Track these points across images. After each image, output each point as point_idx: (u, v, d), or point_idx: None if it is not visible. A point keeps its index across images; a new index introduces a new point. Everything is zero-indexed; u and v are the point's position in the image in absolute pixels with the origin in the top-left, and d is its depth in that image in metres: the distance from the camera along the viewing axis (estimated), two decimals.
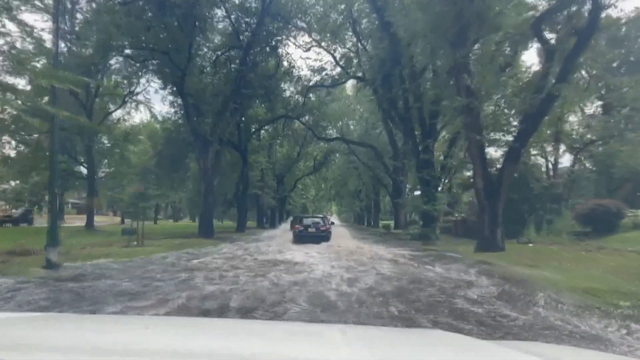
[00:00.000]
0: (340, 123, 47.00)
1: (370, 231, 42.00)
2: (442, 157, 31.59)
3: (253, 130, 40.20)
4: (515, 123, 18.99)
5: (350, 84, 57.16)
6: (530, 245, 21.76)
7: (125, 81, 37.10)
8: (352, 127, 52.30)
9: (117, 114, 46.61)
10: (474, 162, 18.72)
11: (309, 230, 25.03)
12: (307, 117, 41.94)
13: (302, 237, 24.43)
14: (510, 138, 19.92)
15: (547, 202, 26.88)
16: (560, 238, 23.28)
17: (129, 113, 46.01)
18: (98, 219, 74.30)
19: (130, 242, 20.70)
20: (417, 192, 44.08)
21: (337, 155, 63.48)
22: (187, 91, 27.41)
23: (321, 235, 24.59)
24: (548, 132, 27.31)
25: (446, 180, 33.52)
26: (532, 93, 16.83)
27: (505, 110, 18.41)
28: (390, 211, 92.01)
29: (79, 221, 46.37)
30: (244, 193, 38.85)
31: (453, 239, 28.35)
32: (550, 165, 31.33)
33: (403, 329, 4.25)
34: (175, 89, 29.13)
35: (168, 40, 25.07)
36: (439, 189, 29.98)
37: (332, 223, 30.31)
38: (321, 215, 30.38)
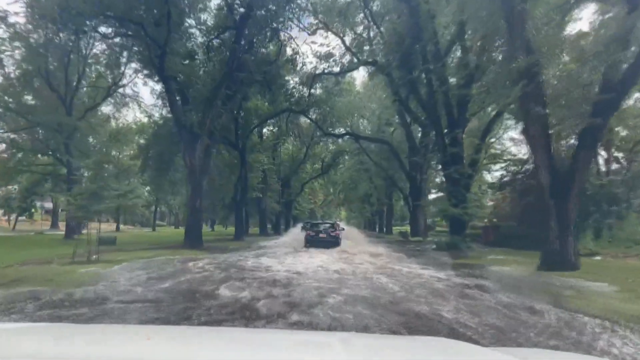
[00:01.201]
0: (350, 120, 41.96)
1: (385, 239, 37.06)
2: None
3: (253, 126, 35.36)
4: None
5: (360, 80, 52.60)
6: (598, 258, 16.73)
7: (108, 71, 32.58)
8: (362, 126, 47.40)
9: (106, 111, 42.39)
10: (534, 148, 13.74)
11: (320, 235, 25.36)
12: (313, 112, 37.10)
13: (313, 242, 24.84)
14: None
15: (604, 203, 21.81)
16: (630, 248, 18.25)
17: (118, 110, 41.65)
18: (94, 226, 70.31)
19: (89, 256, 16.06)
20: (433, 195, 39.04)
21: (347, 157, 58.77)
22: (169, 73, 22.74)
23: (331, 241, 24.68)
24: None
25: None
26: (619, 49, 11.85)
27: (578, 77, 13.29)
28: (403, 216, 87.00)
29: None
30: (243, 196, 34.07)
31: (486, 248, 23.30)
32: (601, 161, 26.22)
33: (405, 337, 3.93)
34: (157, 73, 24.39)
35: (142, 9, 20.45)
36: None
37: (342, 229, 29.78)
38: (331, 222, 30.32)
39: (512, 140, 37.56)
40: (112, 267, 13.75)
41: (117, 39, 25.28)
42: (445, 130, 24.11)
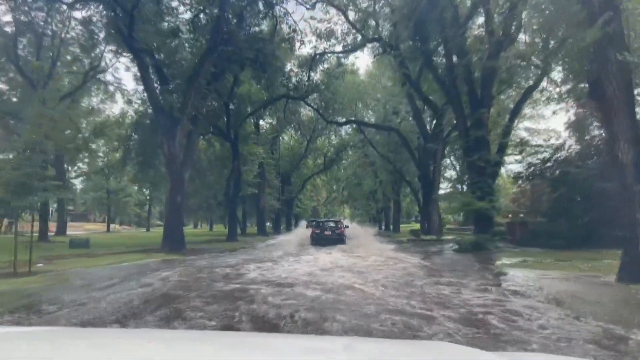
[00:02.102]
0: (354, 109, 38.09)
1: (394, 238, 33.35)
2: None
3: (247, 114, 31.67)
4: None
5: (364, 69, 48.81)
6: None
7: (85, 54, 28.98)
8: (367, 117, 43.60)
9: (91, 103, 38.82)
10: (609, 114, 9.93)
11: (325, 233, 25.45)
12: (314, 99, 33.40)
13: (319, 240, 24.77)
14: None
15: None
16: None
17: (103, 101, 38.09)
18: (90, 227, 66.84)
19: (35, 265, 12.56)
20: (441, 191, 35.19)
21: (350, 152, 55.11)
22: (142, 46, 19.09)
23: (336, 238, 24.81)
24: None
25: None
26: None
27: None
28: (409, 213, 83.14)
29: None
30: (236, 192, 30.42)
31: (517, 249, 19.55)
32: None
33: (410, 341, 3.76)
34: (125, 44, 20.69)
35: None
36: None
37: (347, 227, 29.24)
38: (337, 219, 30.05)
39: (527, 130, 33.82)
40: (44, 281, 10.13)
41: (89, 12, 21.69)
42: (466, 112, 20.38)
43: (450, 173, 46.94)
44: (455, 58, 20.30)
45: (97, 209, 57.31)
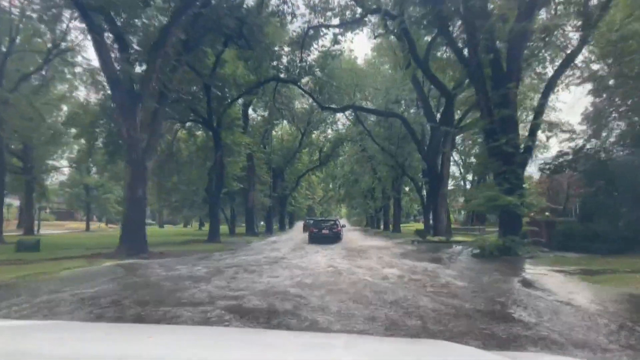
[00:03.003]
0: (352, 96, 34.13)
1: (396, 240, 29.65)
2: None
3: (232, 98, 27.80)
4: None
5: (362, 58, 45.10)
6: None
7: (46, 27, 25.10)
8: (366, 103, 39.80)
9: (62, 89, 34.99)
10: None
11: (323, 232, 25.80)
12: (307, 82, 29.61)
13: (316, 238, 25.07)
14: None
15: None
16: None
17: (77, 87, 34.22)
18: (73, 225, 62.57)
19: None
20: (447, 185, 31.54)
21: (347, 147, 51.42)
22: (94, 2, 15.22)
23: (333, 237, 25.46)
24: None
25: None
26: None
27: None
28: (407, 213, 79.28)
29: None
30: (219, 187, 26.60)
31: (551, 254, 15.84)
32: None
33: (409, 340, 3.58)
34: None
35: None
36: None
37: (344, 226, 30.49)
38: (334, 219, 30.28)
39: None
40: None
41: None
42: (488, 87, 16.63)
43: (453, 170, 43.23)
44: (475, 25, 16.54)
45: (75, 206, 53.18)
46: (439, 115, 27.10)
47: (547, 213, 21.53)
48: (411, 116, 32.79)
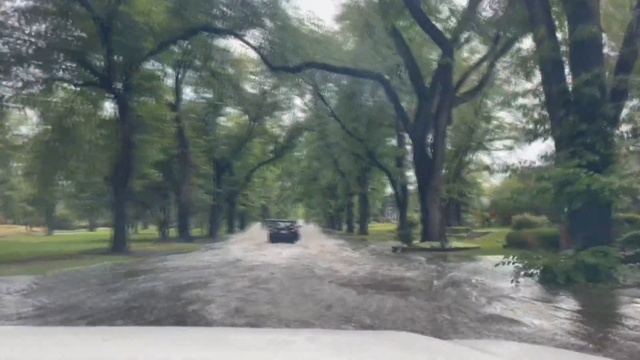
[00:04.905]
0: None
1: (368, 245, 22.37)
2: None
3: (146, 52, 19.48)
4: None
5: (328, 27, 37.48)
6: None
7: None
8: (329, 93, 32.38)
9: None
10: None
11: (282, 232, 26.88)
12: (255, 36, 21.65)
13: (275, 238, 25.92)
14: None
15: None
16: None
17: None
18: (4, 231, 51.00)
19: None
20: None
21: (305, 138, 44.11)
22: None
23: (292, 237, 26.15)
24: None
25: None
26: None
27: None
28: (368, 212, 72.01)
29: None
30: (125, 175, 18.38)
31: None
32: None
33: (372, 332, 3.69)
34: None
35: None
36: None
37: (300, 226, 31.42)
38: (292, 220, 33.24)
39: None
40: None
41: None
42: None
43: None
44: None
45: None
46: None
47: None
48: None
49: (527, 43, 15.89)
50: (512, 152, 34.88)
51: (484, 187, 41.33)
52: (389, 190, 49.59)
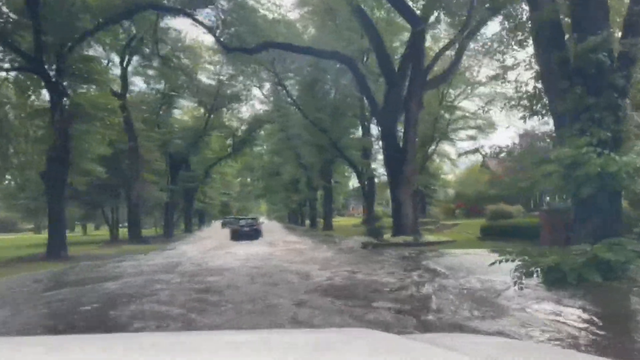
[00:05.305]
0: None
1: (336, 242, 20.87)
2: None
3: (85, 30, 17.06)
4: None
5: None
6: None
7: None
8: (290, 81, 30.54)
9: None
10: None
11: (244, 229, 26.14)
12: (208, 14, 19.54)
13: (237, 236, 25.10)
14: None
15: None
16: None
17: None
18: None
19: None
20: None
21: (265, 131, 42.15)
22: None
23: (254, 234, 25.36)
24: None
25: None
26: None
27: None
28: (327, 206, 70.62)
29: None
30: (63, 170, 16.04)
31: None
32: None
33: (327, 330, 3.24)
34: None
35: None
36: None
37: (262, 222, 33.24)
38: (254, 217, 34.08)
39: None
40: None
41: None
42: None
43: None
44: None
45: None
46: None
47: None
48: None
49: (493, 28, 14.87)
50: (476, 142, 34.54)
51: (449, 179, 40.77)
52: (353, 183, 48.56)
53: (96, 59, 19.10)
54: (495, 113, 32.38)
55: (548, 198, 14.00)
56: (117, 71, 26.89)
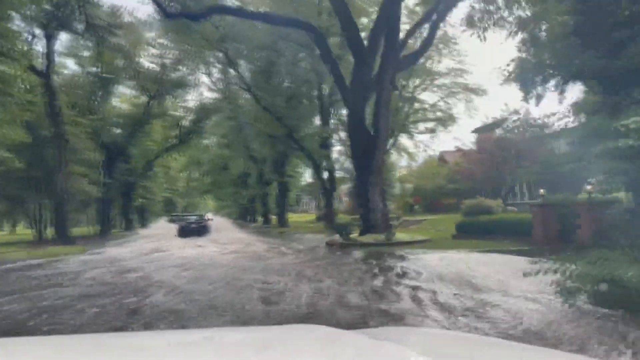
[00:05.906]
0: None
1: (295, 242, 18.57)
2: None
3: None
4: None
5: None
6: None
7: None
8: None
9: None
10: None
11: (192, 226, 26.07)
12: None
13: (185, 232, 24.80)
14: None
15: None
16: None
17: None
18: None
19: None
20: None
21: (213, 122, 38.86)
22: None
23: (202, 230, 25.48)
24: None
25: None
26: None
27: None
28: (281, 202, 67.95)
29: None
30: None
31: None
32: None
33: (279, 327, 2.83)
34: None
35: None
36: None
37: (211, 219, 31.34)
38: (201, 214, 33.77)
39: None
40: None
41: None
42: None
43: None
44: None
45: None
46: None
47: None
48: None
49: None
50: (434, 135, 33.42)
51: (404, 173, 39.61)
52: (305, 178, 46.32)
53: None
54: (455, 105, 31.80)
55: (542, 190, 12.27)
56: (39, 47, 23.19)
